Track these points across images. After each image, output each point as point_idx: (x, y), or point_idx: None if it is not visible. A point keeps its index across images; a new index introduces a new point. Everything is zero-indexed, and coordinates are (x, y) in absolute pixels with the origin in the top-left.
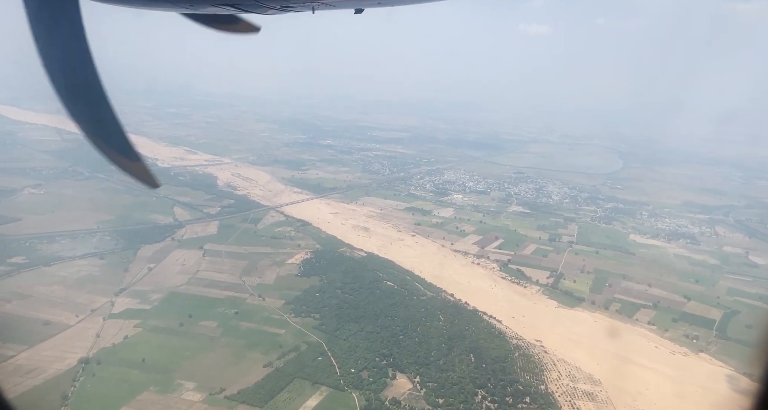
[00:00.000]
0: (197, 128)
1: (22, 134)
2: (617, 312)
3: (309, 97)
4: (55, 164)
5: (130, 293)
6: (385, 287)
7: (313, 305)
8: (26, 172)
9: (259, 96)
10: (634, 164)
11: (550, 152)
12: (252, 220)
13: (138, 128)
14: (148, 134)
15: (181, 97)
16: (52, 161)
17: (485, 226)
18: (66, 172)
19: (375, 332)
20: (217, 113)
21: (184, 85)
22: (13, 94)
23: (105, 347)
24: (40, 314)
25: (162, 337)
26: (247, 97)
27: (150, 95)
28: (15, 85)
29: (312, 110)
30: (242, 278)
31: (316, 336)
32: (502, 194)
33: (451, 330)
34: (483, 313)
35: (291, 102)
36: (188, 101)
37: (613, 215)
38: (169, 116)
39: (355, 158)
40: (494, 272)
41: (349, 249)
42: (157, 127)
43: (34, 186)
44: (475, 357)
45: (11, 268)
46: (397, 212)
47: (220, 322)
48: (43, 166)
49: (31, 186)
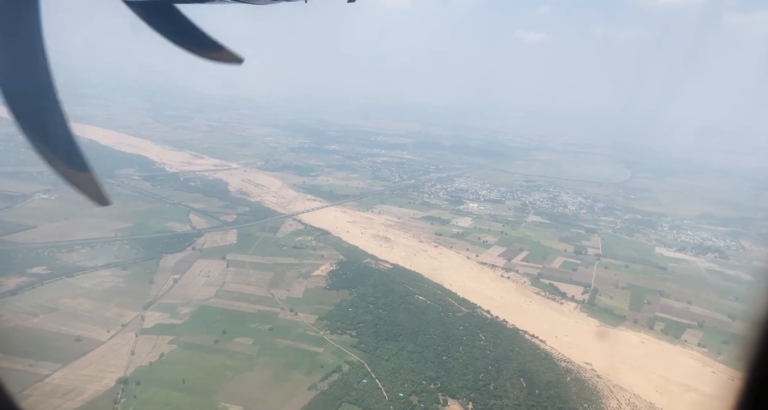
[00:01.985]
0: (200, 131)
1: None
2: (663, 332)
3: (304, 100)
4: None
5: (158, 307)
6: (417, 302)
7: (347, 322)
8: (34, 176)
9: (254, 98)
10: (642, 174)
11: (555, 159)
12: (270, 228)
13: (140, 131)
14: (152, 138)
15: (179, 99)
16: None
17: (507, 237)
18: None
19: (417, 351)
20: (218, 116)
21: (180, 87)
22: None
23: (142, 366)
24: (70, 329)
25: (198, 355)
26: (243, 100)
27: (146, 96)
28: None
29: (312, 114)
30: (270, 290)
31: (356, 356)
32: (517, 204)
33: (496, 350)
34: (524, 332)
35: (288, 106)
36: (186, 104)
37: (633, 227)
38: (169, 119)
39: (363, 164)
40: (526, 287)
41: (374, 261)
42: (160, 130)
43: (44, 191)
44: (526, 382)
45: (34, 279)
46: (414, 221)
47: (256, 339)
48: (50, 170)
49: (41, 191)
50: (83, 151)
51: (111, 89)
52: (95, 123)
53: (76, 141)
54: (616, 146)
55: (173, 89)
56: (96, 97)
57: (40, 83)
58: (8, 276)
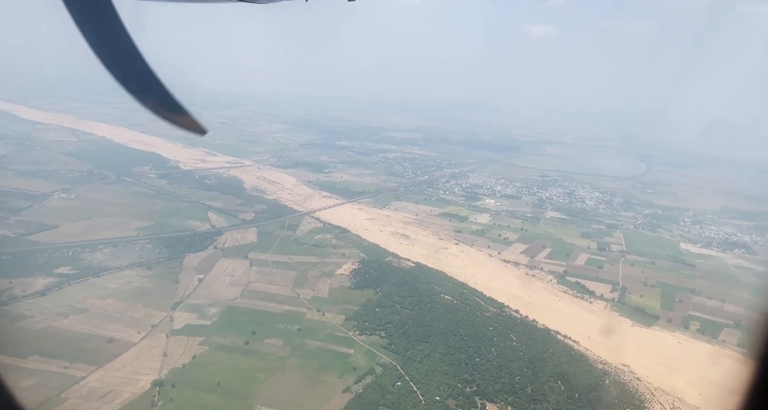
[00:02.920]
0: (211, 128)
1: (37, 134)
2: (699, 332)
3: (310, 97)
4: (78, 166)
5: (186, 307)
6: (443, 301)
7: (376, 322)
8: (51, 175)
9: (261, 95)
10: (657, 168)
11: (567, 154)
12: (289, 227)
13: (151, 129)
14: (164, 135)
15: (186, 95)
16: (74, 163)
17: (528, 234)
18: (91, 175)
19: (448, 353)
20: (227, 112)
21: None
22: (22, 93)
23: (175, 367)
24: (101, 330)
25: (230, 357)
26: (250, 96)
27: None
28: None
29: (319, 110)
30: (295, 290)
31: (387, 357)
32: (534, 199)
33: (529, 352)
34: (556, 332)
35: (294, 102)
36: (194, 100)
37: (655, 222)
38: None
39: (375, 160)
40: (553, 285)
41: (396, 259)
42: (170, 127)
43: (63, 190)
44: (564, 385)
45: (61, 279)
46: (432, 218)
47: (286, 340)
48: (66, 169)
49: (60, 190)
50: (177, 98)
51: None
52: (107, 121)
53: (171, 93)
54: (628, 139)
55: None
56: (104, 94)
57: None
58: (35, 277)
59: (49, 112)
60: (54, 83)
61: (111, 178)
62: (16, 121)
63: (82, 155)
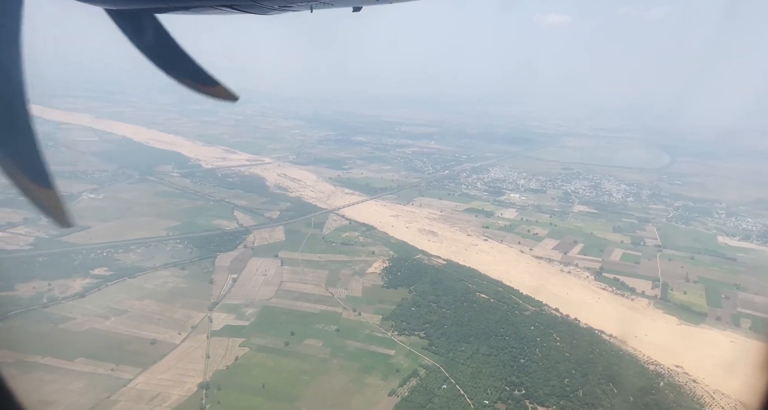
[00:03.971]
0: (227, 125)
1: (60, 134)
2: (751, 330)
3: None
4: (103, 166)
5: (223, 308)
6: (479, 300)
7: (413, 322)
8: (78, 176)
9: (274, 93)
10: (682, 158)
11: (587, 145)
12: (315, 225)
13: (169, 127)
14: (182, 133)
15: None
16: (99, 163)
17: (557, 229)
18: (117, 175)
19: (492, 354)
20: (241, 110)
21: None
22: (40, 92)
23: (219, 369)
24: (143, 332)
25: (272, 358)
26: (263, 94)
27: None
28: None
29: (332, 106)
30: (328, 289)
31: (430, 359)
32: (559, 193)
33: (575, 352)
34: (600, 332)
35: (308, 98)
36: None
37: (687, 215)
38: (194, 114)
39: (393, 156)
40: (590, 282)
41: (426, 256)
42: (187, 125)
43: (91, 191)
44: (617, 387)
45: (98, 280)
46: (458, 213)
47: (325, 341)
48: (93, 169)
49: (88, 191)
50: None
51: (134, 86)
52: (126, 120)
53: (42, 154)
54: (647, 130)
55: None
56: (120, 94)
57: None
58: (73, 278)
59: (69, 112)
60: (73, 83)
61: (135, 177)
62: (38, 121)
63: (105, 155)
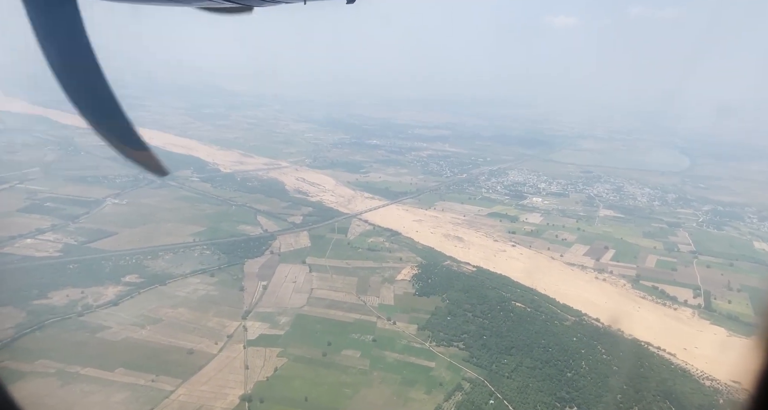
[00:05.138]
0: (241, 129)
1: (79, 139)
2: None
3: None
4: (124, 171)
5: (257, 316)
6: (516, 309)
7: (450, 332)
8: (100, 181)
9: (283, 94)
10: (702, 160)
11: (604, 148)
12: (339, 230)
13: (184, 131)
14: (198, 137)
15: (211, 97)
16: (118, 168)
17: (586, 234)
18: (138, 180)
19: (537, 367)
20: (253, 113)
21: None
22: (54, 97)
23: (260, 381)
24: (179, 341)
25: (311, 369)
26: (273, 97)
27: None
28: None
29: (341, 109)
30: (360, 297)
31: (472, 372)
32: (582, 197)
33: (624, 366)
34: (647, 344)
35: (316, 101)
36: (219, 101)
37: (718, 219)
38: (208, 117)
39: (409, 159)
40: (628, 290)
41: (455, 263)
42: (202, 129)
43: (114, 196)
44: (674, 405)
45: (130, 288)
46: (481, 218)
47: (363, 351)
48: (114, 174)
49: (111, 196)
50: (138, 131)
51: (146, 89)
52: (142, 124)
53: (133, 124)
54: (662, 131)
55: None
56: (133, 98)
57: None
58: (105, 286)
59: None
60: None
61: (156, 182)
62: (56, 126)
63: (123, 160)
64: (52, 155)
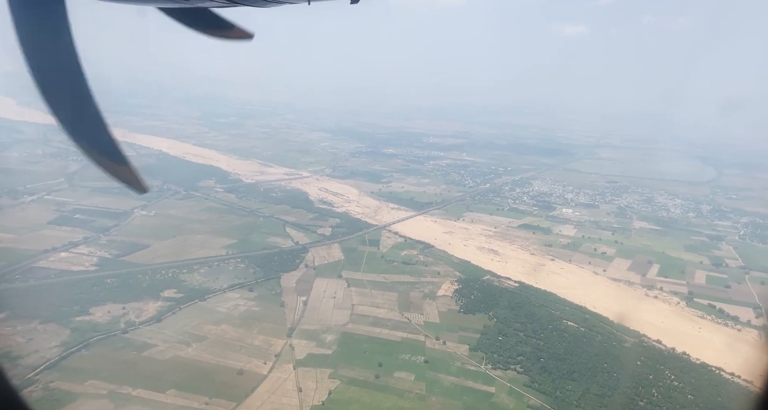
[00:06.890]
0: (256, 138)
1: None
2: None
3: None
4: (147, 181)
5: (301, 334)
6: (569, 328)
7: (505, 354)
8: (125, 192)
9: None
10: (728, 170)
11: (624, 157)
12: (371, 242)
13: (201, 141)
14: (215, 147)
15: (223, 106)
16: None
17: (625, 247)
18: (162, 191)
19: (605, 395)
20: (266, 122)
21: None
22: None
23: (315, 405)
24: (227, 360)
25: (366, 393)
26: (284, 105)
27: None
28: None
29: (353, 118)
30: (403, 314)
31: (536, 398)
32: (612, 208)
33: (699, 395)
34: (719, 369)
35: (327, 110)
36: (232, 110)
37: (760, 232)
38: (222, 127)
39: (428, 168)
40: (683, 309)
41: (495, 278)
42: (218, 138)
43: (142, 208)
44: None
45: (170, 303)
46: (513, 230)
47: (417, 374)
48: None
49: (139, 207)
50: (120, 144)
51: (156, 98)
52: (157, 133)
53: (114, 137)
54: (680, 140)
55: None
56: (145, 107)
57: (74, 80)
58: (144, 301)
59: None
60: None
61: (181, 193)
62: None
63: (147, 170)
64: (74, 166)
